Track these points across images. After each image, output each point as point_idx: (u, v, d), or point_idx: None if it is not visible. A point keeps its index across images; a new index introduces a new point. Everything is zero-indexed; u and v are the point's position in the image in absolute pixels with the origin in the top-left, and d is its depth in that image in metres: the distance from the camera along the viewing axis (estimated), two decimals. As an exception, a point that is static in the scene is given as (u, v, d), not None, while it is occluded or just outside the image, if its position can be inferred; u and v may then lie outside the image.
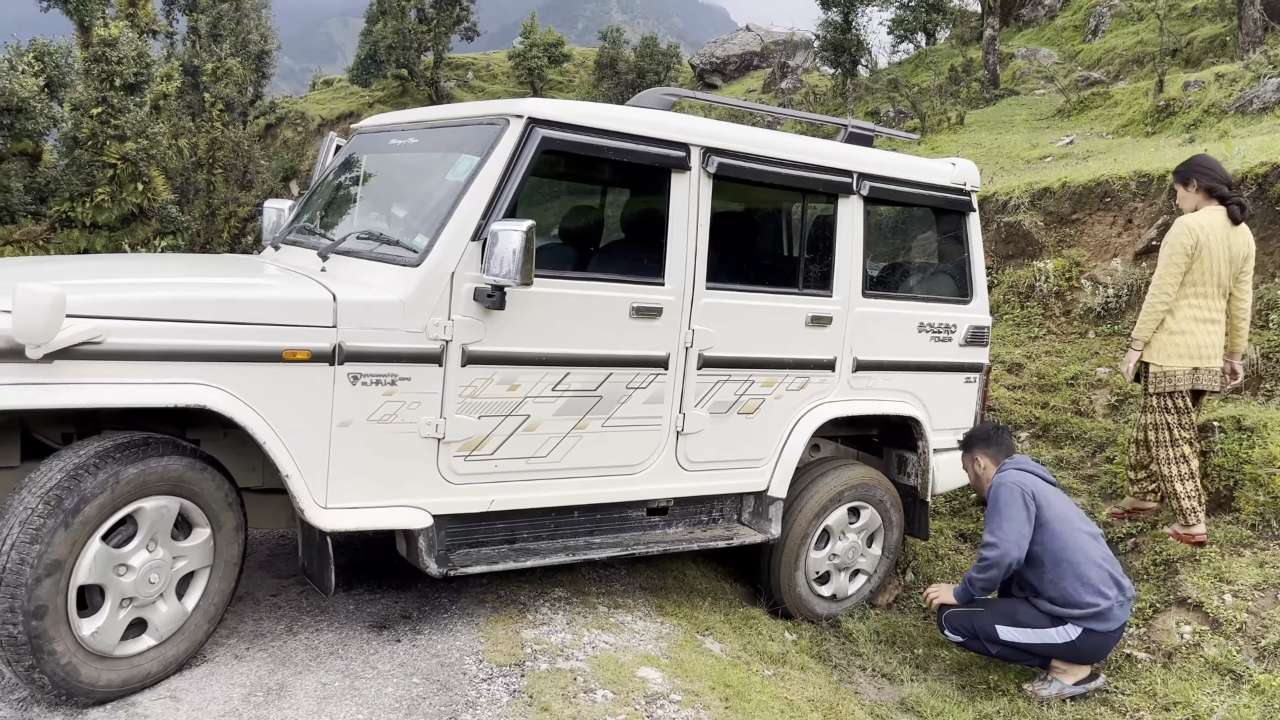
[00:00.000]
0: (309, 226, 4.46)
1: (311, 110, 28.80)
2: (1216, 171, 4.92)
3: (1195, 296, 4.85)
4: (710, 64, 28.12)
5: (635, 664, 3.69)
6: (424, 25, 27.41)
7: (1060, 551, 4.26)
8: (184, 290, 3.21)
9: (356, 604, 3.96)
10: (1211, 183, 4.89)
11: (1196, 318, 4.86)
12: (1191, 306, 4.86)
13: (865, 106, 17.55)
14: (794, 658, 4.36)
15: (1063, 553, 4.26)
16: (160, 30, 23.01)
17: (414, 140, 4.21)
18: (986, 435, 4.76)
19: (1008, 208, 8.29)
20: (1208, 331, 4.89)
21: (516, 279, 3.31)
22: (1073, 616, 4.21)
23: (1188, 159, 5.07)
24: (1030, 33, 19.28)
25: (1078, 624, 4.21)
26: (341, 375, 3.31)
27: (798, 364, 4.44)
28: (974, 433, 4.85)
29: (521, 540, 3.94)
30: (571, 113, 3.73)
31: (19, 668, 2.87)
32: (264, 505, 3.69)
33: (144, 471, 3.00)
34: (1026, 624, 4.30)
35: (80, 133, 16.04)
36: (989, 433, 4.77)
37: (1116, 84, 13.95)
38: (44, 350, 2.76)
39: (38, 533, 2.80)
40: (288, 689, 3.24)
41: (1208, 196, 4.90)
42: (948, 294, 5.07)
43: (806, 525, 4.63)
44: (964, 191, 4.99)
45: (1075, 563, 4.24)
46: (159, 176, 17.10)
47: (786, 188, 4.45)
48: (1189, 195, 4.95)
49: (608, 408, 3.91)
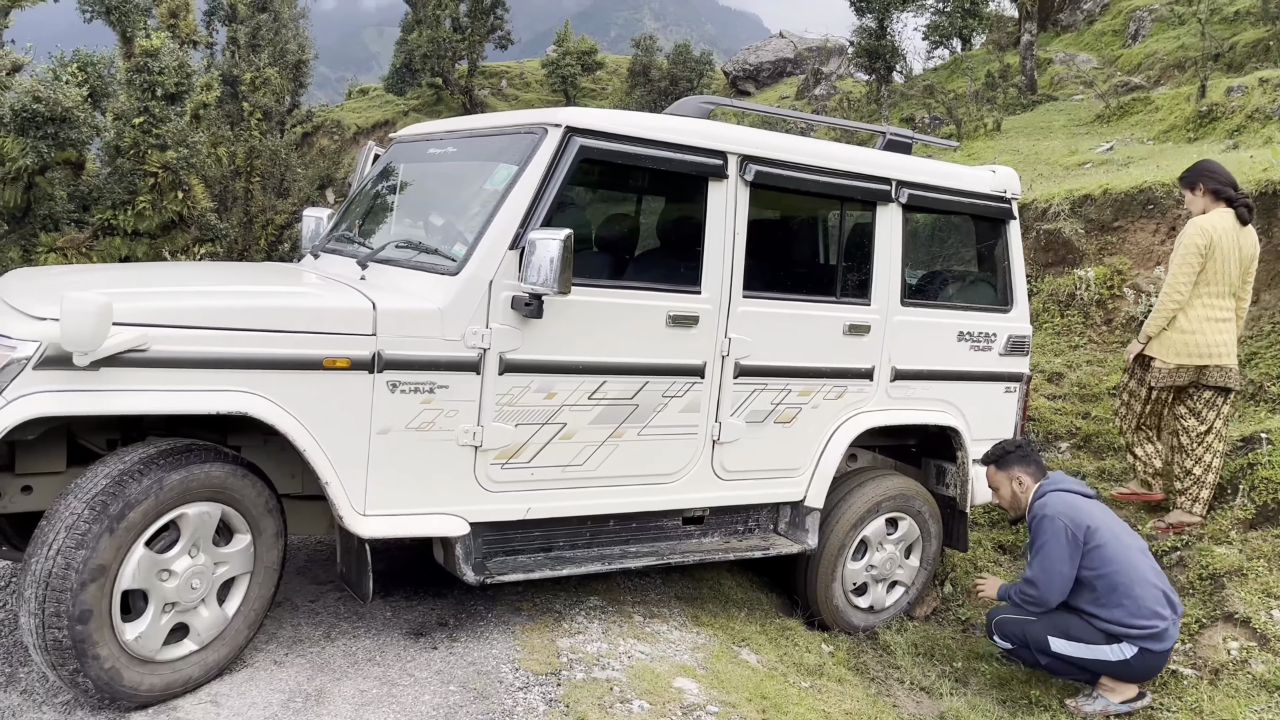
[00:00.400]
0: (348, 235, 4.49)
1: (347, 119, 29.08)
2: (1222, 175, 5.16)
3: (1209, 296, 5.09)
4: (743, 71, 28.07)
5: (671, 674, 3.67)
6: (458, 34, 27.60)
7: (1115, 575, 4.13)
8: (227, 299, 3.24)
9: (394, 611, 3.97)
10: (1218, 185, 5.14)
11: (1208, 317, 5.09)
12: (1205, 306, 5.09)
13: (900, 113, 17.44)
14: (831, 670, 4.32)
15: (1117, 576, 4.13)
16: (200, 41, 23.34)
17: (452, 149, 4.23)
18: (1026, 452, 4.56)
19: (1047, 215, 8.20)
20: (1219, 330, 5.10)
21: (554, 287, 3.31)
22: (1129, 636, 4.12)
23: (1193, 164, 5.33)
24: (1068, 37, 19.07)
25: (1134, 643, 4.12)
26: (380, 383, 3.33)
27: (835, 373, 4.40)
28: (1010, 448, 4.59)
29: (557, 549, 3.94)
30: (609, 121, 3.73)
31: (63, 672, 2.90)
32: (303, 512, 3.72)
33: (187, 478, 3.03)
34: (1080, 638, 4.20)
35: (122, 142, 16.30)
36: (1028, 450, 4.59)
37: (1157, 89, 13.76)
38: (91, 358, 2.80)
39: (83, 538, 2.84)
40: (326, 695, 3.26)
41: (1215, 199, 5.15)
42: (987, 302, 5.01)
43: (844, 536, 4.59)
44: (1004, 199, 4.94)
45: (1131, 584, 4.12)
46: (198, 185, 17.33)
47: (824, 195, 4.42)
48: (1196, 199, 5.21)
49: (644, 416, 3.90)
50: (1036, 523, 4.28)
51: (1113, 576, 4.13)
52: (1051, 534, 4.18)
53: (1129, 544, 4.25)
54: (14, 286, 3.37)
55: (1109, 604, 4.13)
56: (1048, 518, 4.22)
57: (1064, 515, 4.20)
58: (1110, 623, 4.13)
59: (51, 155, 15.21)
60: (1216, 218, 5.08)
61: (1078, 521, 4.18)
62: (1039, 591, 4.21)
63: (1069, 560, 4.15)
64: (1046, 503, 4.29)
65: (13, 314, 3.01)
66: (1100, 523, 4.24)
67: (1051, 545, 4.18)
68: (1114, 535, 4.23)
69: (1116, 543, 4.20)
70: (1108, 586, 4.14)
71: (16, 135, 14.76)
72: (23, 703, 3.10)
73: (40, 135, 14.82)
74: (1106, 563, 4.14)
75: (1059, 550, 4.16)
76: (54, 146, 15.08)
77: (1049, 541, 4.19)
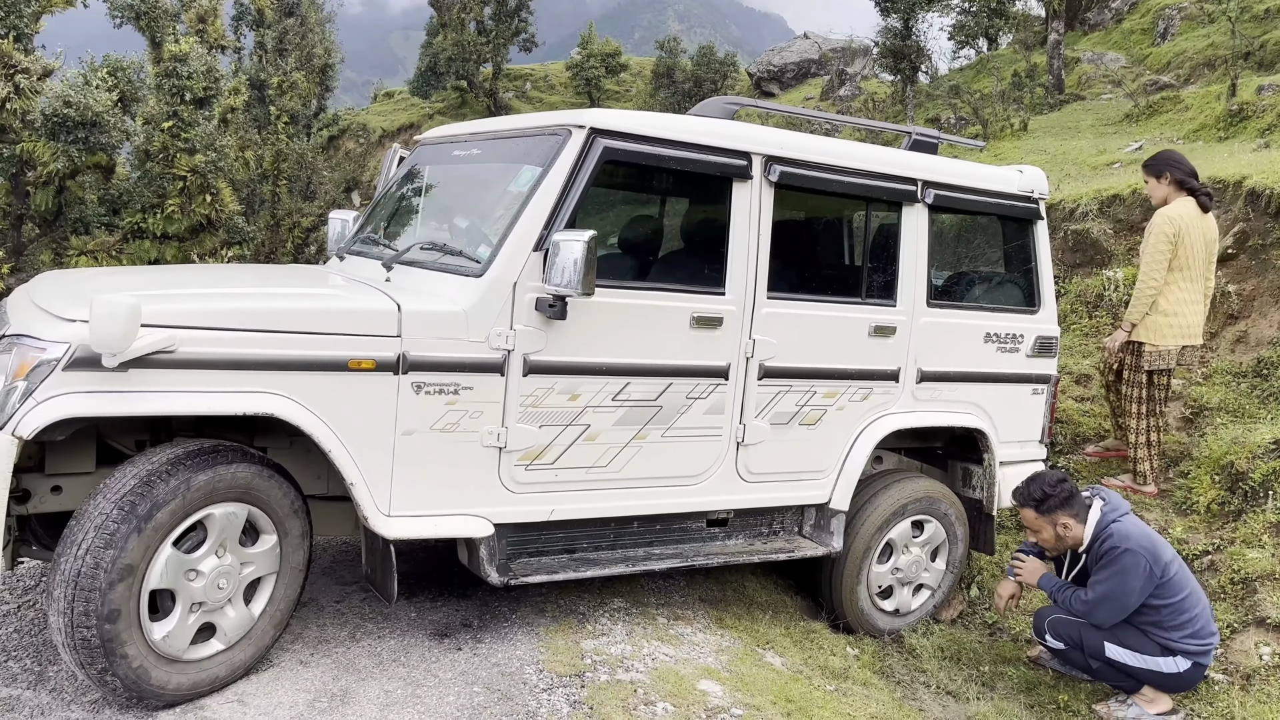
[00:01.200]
0: (373, 237, 4.51)
1: (373, 122, 29.27)
2: (1185, 165, 5.51)
3: (1182, 280, 5.44)
4: (768, 72, 27.99)
5: (695, 677, 3.66)
6: (483, 37, 27.73)
7: (1182, 602, 4.09)
8: (253, 300, 3.26)
9: (418, 612, 3.98)
10: (1182, 175, 5.47)
11: (1185, 299, 5.46)
12: (1180, 289, 5.45)
13: (925, 113, 17.33)
14: (856, 673, 4.29)
15: (1184, 602, 4.09)
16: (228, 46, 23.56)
17: (476, 151, 4.24)
18: (1067, 492, 4.20)
19: (1075, 215, 8.11)
20: (1194, 312, 5.52)
21: (578, 289, 3.31)
22: (1187, 651, 4.07)
23: (1157, 153, 5.71)
24: (1096, 36, 18.89)
25: (1189, 658, 4.08)
26: (405, 384, 3.34)
27: (860, 374, 4.37)
28: (1050, 491, 4.21)
29: (581, 550, 3.93)
30: (633, 123, 3.73)
31: (92, 670, 2.93)
32: (328, 513, 3.73)
33: (214, 478, 3.05)
34: (1136, 648, 4.13)
35: (152, 146, 16.49)
36: (1067, 489, 4.21)
37: (1187, 88, 13.60)
38: (120, 359, 2.83)
39: (112, 538, 2.87)
40: (351, 695, 3.27)
41: (1178, 189, 5.48)
42: (1014, 303, 4.96)
43: (869, 539, 4.56)
44: (1031, 199, 4.89)
45: (1193, 608, 4.10)
46: (226, 188, 17.50)
47: (849, 196, 4.39)
48: (1160, 187, 5.54)
49: (668, 418, 3.89)
50: (1116, 555, 4.07)
51: (1179, 604, 4.09)
52: (1132, 569, 4.03)
53: (1183, 567, 4.21)
54: (44, 289, 3.41)
55: (1170, 625, 4.10)
56: (1130, 551, 4.04)
57: (1147, 551, 4.06)
58: (1170, 640, 4.10)
59: (82, 159, 15.40)
60: (1181, 206, 5.42)
61: (1158, 556, 4.08)
62: (1098, 615, 4.14)
63: (1140, 594, 4.07)
64: (1128, 534, 4.08)
65: (43, 316, 3.04)
66: (1168, 550, 4.19)
67: (1130, 578, 4.04)
68: (1176, 558, 4.19)
69: (1181, 567, 4.17)
70: (1173, 612, 4.09)
71: (48, 140, 14.96)
72: (52, 701, 3.13)
73: (71, 140, 15.02)
74: (1176, 591, 4.09)
75: (1135, 584, 4.04)
76: (84, 151, 15.27)
77: (1128, 574, 4.04)
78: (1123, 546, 4.06)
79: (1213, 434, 5.78)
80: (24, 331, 2.99)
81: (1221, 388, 6.17)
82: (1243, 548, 4.95)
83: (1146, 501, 5.56)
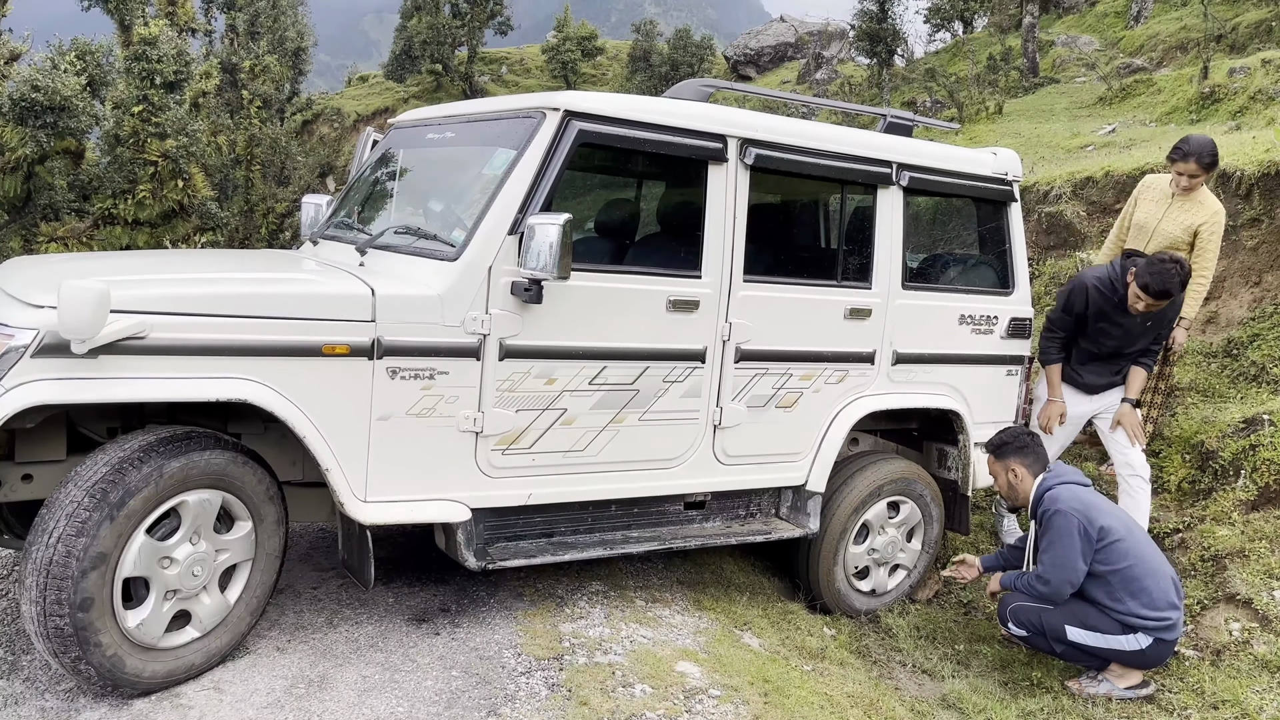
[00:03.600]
0: (347, 221, 4.48)
1: (347, 106, 29.01)
2: None
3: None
4: (744, 55, 27.97)
5: (673, 658, 3.68)
6: (458, 20, 27.53)
7: (1130, 569, 4.12)
8: (225, 285, 3.23)
9: (396, 597, 3.98)
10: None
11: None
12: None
13: (901, 96, 17.38)
14: (833, 653, 4.33)
15: (1132, 570, 4.12)
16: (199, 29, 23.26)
17: (450, 134, 4.21)
18: (1023, 443, 4.50)
19: (1049, 198, 8.17)
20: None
21: (553, 272, 3.30)
22: (1146, 627, 4.11)
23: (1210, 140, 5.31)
24: (1070, 19, 18.99)
25: (1149, 634, 4.12)
26: (380, 369, 3.32)
27: (836, 357, 4.39)
28: (1007, 439, 4.55)
29: (559, 534, 3.94)
30: (608, 105, 3.71)
31: (65, 659, 2.91)
32: (304, 499, 3.72)
33: (187, 465, 3.03)
34: (1097, 628, 4.18)
35: (122, 131, 16.27)
36: (1025, 440, 4.51)
37: (1160, 71, 13.69)
38: (89, 345, 2.80)
39: (83, 526, 2.84)
40: (329, 681, 3.26)
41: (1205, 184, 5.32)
42: (989, 285, 4.99)
43: (845, 520, 4.59)
44: (1005, 181, 4.92)
45: (1144, 577, 4.12)
46: (198, 173, 17.30)
47: (824, 179, 4.40)
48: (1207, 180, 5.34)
49: (644, 401, 3.89)
50: (1048, 517, 4.23)
51: (1127, 571, 4.12)
52: (1065, 530, 4.15)
53: (1139, 537, 4.26)
54: (12, 275, 3.36)
55: (1124, 596, 4.13)
56: (1060, 513, 4.18)
57: (1077, 511, 4.16)
58: (1126, 614, 4.13)
59: (51, 144, 15.18)
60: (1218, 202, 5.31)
61: (1091, 518, 4.15)
62: (1051, 588, 4.19)
63: (1082, 556, 4.13)
64: (1058, 496, 4.24)
65: (11, 302, 3.00)
66: (1112, 517, 4.23)
67: (1065, 542, 4.15)
68: (1127, 529, 4.22)
69: (1129, 537, 4.19)
70: (1122, 580, 4.13)
71: (15, 124, 14.72)
72: (26, 690, 3.11)
73: (39, 124, 14.78)
74: (1122, 557, 4.13)
75: (1072, 547, 4.13)
76: (53, 135, 15.04)
77: (1062, 538, 4.16)
78: (1052, 509, 4.22)
79: (1183, 413, 5.85)
80: (-9, 318, 2.95)
81: (1192, 368, 6.24)
82: (1213, 525, 5.02)
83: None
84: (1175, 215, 5.28)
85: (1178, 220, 5.26)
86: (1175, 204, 5.30)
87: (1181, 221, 5.25)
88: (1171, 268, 4.65)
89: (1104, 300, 4.91)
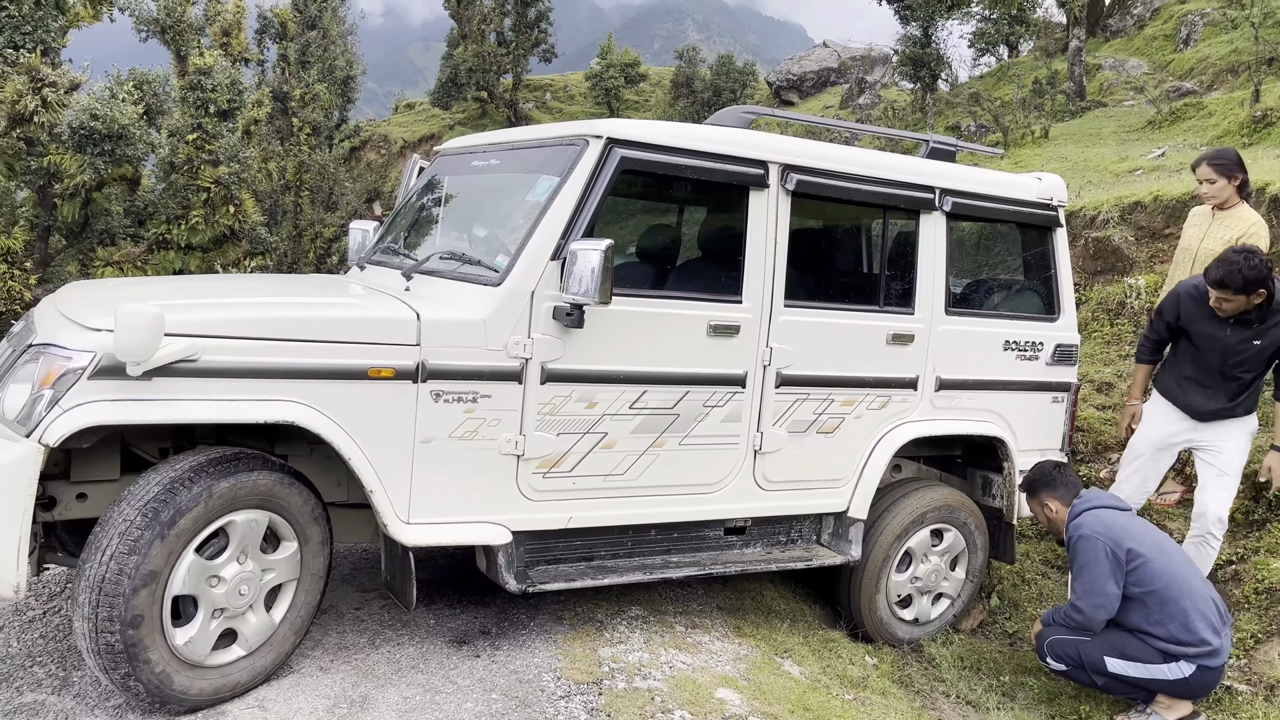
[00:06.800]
0: (393, 247, 4.55)
1: (394, 133, 29.47)
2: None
3: None
4: (787, 81, 28.00)
5: (713, 685, 3.66)
6: (503, 48, 27.89)
7: (1164, 590, 4.03)
8: (275, 310, 3.30)
9: (437, 619, 4.00)
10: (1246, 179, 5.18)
11: None
12: None
13: (945, 121, 17.28)
14: (875, 682, 4.28)
15: (1166, 590, 4.03)
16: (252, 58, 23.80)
17: (495, 162, 4.27)
18: (1049, 477, 4.50)
19: (1096, 223, 8.07)
20: None
21: (595, 297, 3.33)
22: (1187, 655, 4.02)
23: (1225, 149, 5.26)
24: (1118, 43, 18.78)
25: (1191, 661, 4.02)
26: (424, 392, 3.37)
27: (879, 383, 4.37)
28: (1034, 476, 4.57)
29: (599, 558, 3.94)
30: (650, 132, 3.75)
31: (115, 675, 2.96)
32: (348, 520, 3.76)
33: (235, 486, 3.09)
34: (1137, 658, 4.10)
35: (176, 158, 16.67)
36: (1050, 474, 4.51)
37: (1210, 94, 13.49)
38: (144, 368, 2.87)
39: (135, 544, 2.90)
40: (370, 701, 3.29)
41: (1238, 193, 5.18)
42: (1034, 311, 4.95)
43: (888, 547, 4.55)
44: (1050, 206, 4.88)
45: (1180, 598, 4.02)
46: (249, 199, 17.65)
47: (867, 204, 4.40)
48: (1227, 187, 5.17)
49: (685, 426, 3.90)
50: (1074, 544, 4.21)
51: (1162, 592, 4.04)
52: (1091, 555, 4.11)
53: (1174, 557, 4.16)
54: (70, 299, 3.46)
55: (1162, 620, 4.04)
56: (1084, 538, 4.15)
57: (1101, 534, 4.11)
58: (1166, 640, 4.04)
59: (108, 171, 15.57)
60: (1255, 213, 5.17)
61: (1116, 539, 4.09)
62: (1085, 615, 4.13)
63: (1112, 579, 4.06)
64: (1081, 523, 4.22)
65: (69, 325, 3.09)
66: (1141, 538, 4.15)
67: (1093, 566, 4.10)
68: (1159, 549, 4.14)
69: (1162, 557, 4.10)
70: (1158, 602, 4.04)
71: (75, 152, 15.14)
72: (76, 706, 3.17)
73: (97, 152, 15.18)
74: (1154, 578, 4.05)
75: (1100, 570, 4.08)
76: (111, 163, 15.43)
77: (1089, 562, 4.11)
78: (1077, 535, 4.19)
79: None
80: (51, 340, 3.04)
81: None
82: (1267, 557, 4.90)
83: (1170, 511, 5.51)
84: (1216, 232, 5.20)
85: (1218, 236, 5.16)
86: (1215, 222, 5.23)
87: (1221, 237, 5.14)
88: (1235, 257, 4.34)
89: (1195, 306, 4.66)
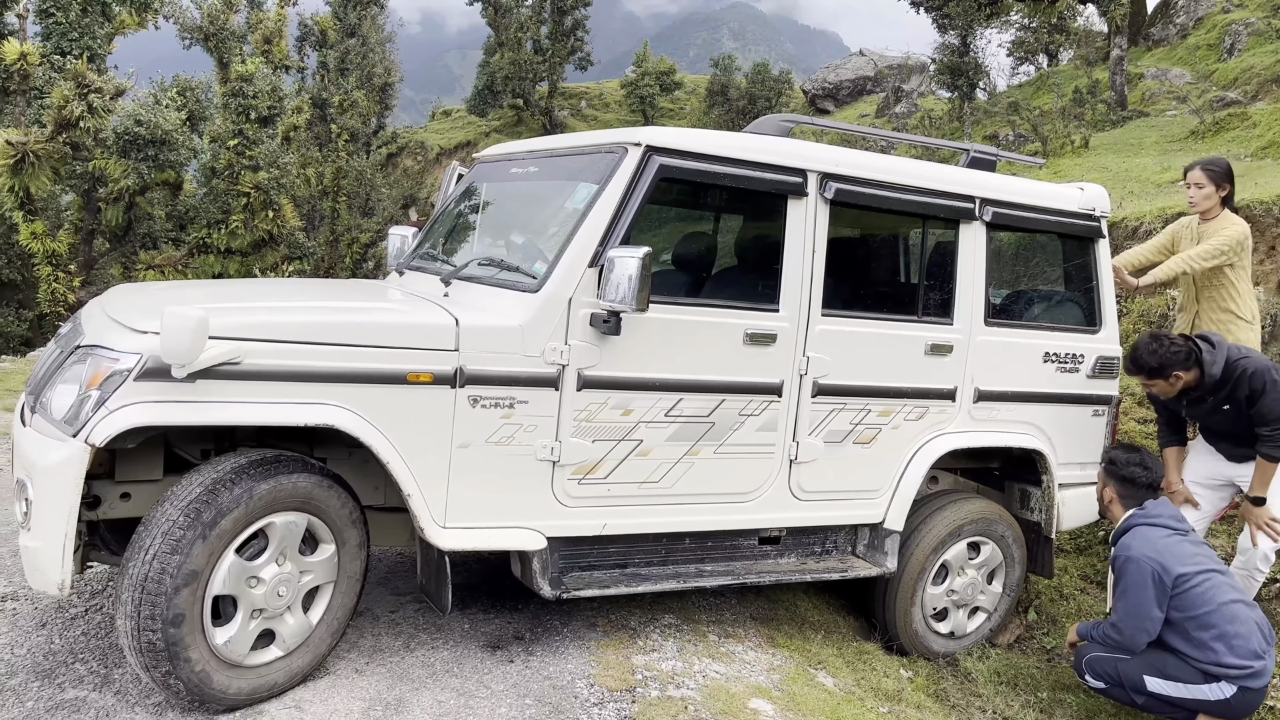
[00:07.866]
0: (432, 253, 4.59)
1: (431, 140, 29.76)
2: None
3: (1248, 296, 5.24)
4: (823, 89, 27.93)
5: (746, 695, 3.64)
6: (539, 56, 28.10)
7: (1208, 616, 3.95)
8: (316, 314, 3.34)
9: (471, 623, 4.02)
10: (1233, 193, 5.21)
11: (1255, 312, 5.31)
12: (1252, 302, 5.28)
13: (983, 130, 17.14)
14: (910, 696, 4.24)
15: (1211, 617, 3.95)
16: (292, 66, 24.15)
17: (534, 169, 4.29)
18: (1130, 475, 4.29)
19: (1138, 234, 7.96)
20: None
21: (632, 305, 3.33)
22: (1229, 675, 3.94)
23: (1218, 157, 5.28)
24: (1160, 52, 18.55)
25: (1233, 683, 3.94)
26: (462, 398, 3.39)
27: (916, 393, 4.33)
28: (1119, 460, 4.36)
29: (633, 565, 3.94)
30: (688, 140, 3.75)
31: (157, 673, 3.00)
32: (385, 523, 3.79)
33: (276, 488, 3.12)
34: (1177, 678, 4.01)
35: (218, 163, 16.94)
36: (1135, 473, 4.29)
37: (1255, 104, 13.28)
38: (188, 370, 2.91)
39: (178, 544, 2.94)
40: (405, 705, 3.31)
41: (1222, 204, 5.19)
42: (1075, 323, 4.89)
43: (924, 560, 4.50)
44: (1093, 217, 4.82)
45: (1225, 623, 3.94)
46: (288, 204, 17.90)
47: (905, 213, 4.37)
48: (1214, 195, 5.17)
49: (720, 434, 3.89)
50: (1120, 564, 4.10)
51: (1206, 618, 3.96)
52: (1137, 578, 4.01)
53: (1221, 581, 4.07)
54: (117, 301, 3.52)
55: (1205, 644, 3.96)
56: (1132, 560, 4.04)
57: (1150, 559, 4.01)
58: (1208, 663, 3.96)
59: (151, 176, 15.84)
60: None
61: (1166, 565, 4.00)
62: (1125, 637, 4.06)
63: (1156, 604, 3.99)
64: (1131, 543, 4.11)
65: (116, 327, 3.14)
66: (1190, 563, 4.05)
67: (1137, 590, 4.01)
68: (1205, 574, 4.04)
69: (1208, 582, 4.01)
70: (1200, 627, 3.97)
71: (119, 157, 15.42)
72: (117, 703, 3.21)
73: (141, 157, 15.45)
74: (1200, 604, 3.97)
75: (1145, 596, 4.00)
76: (154, 168, 15.70)
77: (1134, 586, 4.02)
78: (1125, 555, 4.10)
79: None
80: (98, 342, 3.09)
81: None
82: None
83: (1213, 528, 5.41)
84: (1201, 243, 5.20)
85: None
86: (1203, 235, 5.23)
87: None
88: (1140, 341, 4.54)
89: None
